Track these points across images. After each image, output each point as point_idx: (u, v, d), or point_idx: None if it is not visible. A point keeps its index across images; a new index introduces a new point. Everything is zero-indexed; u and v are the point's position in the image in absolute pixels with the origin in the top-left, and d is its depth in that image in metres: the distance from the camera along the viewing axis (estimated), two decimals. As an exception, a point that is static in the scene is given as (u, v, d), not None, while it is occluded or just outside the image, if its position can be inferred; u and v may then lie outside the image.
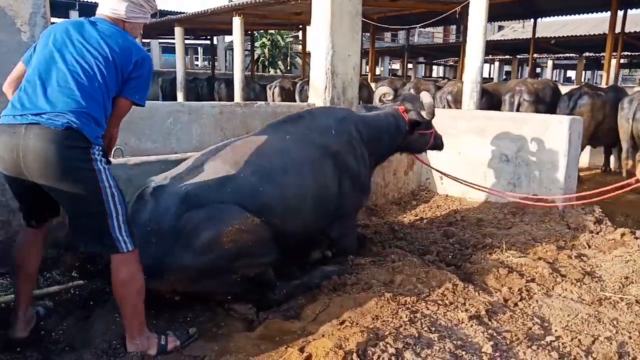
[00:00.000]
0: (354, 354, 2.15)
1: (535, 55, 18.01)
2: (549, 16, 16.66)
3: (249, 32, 21.87)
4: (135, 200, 2.86)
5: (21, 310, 2.54)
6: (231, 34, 14.90)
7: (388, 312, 2.62)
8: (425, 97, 4.08)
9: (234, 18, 13.63)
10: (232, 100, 13.15)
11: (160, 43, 30.61)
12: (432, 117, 4.09)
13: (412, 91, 10.37)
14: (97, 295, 3.06)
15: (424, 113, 4.03)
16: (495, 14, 14.68)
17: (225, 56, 32.15)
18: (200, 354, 2.44)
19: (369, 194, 3.92)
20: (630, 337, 2.57)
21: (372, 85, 13.02)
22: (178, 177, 2.94)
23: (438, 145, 4.40)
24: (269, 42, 29.28)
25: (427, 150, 4.51)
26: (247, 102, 7.12)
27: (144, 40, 23.18)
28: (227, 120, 5.20)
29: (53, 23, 2.73)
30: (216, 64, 26.77)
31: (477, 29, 6.85)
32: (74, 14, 21.09)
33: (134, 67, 2.37)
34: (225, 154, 3.12)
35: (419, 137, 4.13)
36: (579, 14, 15.89)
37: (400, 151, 4.31)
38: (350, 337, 2.31)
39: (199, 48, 38.67)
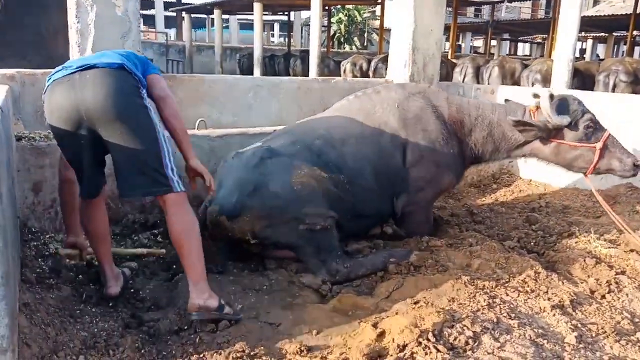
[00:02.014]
0: (430, 333, 2.13)
1: (635, 33, 16.55)
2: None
3: (327, 8, 21.75)
4: (221, 164, 3.32)
5: (107, 269, 2.71)
6: (309, 9, 14.86)
7: (465, 295, 2.57)
8: (542, 98, 3.41)
9: (312, -7, 13.56)
10: (307, 76, 13.20)
11: (238, 19, 31.25)
12: (561, 125, 3.39)
13: (496, 69, 9.90)
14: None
15: (556, 118, 3.37)
16: (591, -13, 13.59)
17: (302, 32, 32.25)
18: (275, 321, 2.52)
19: (450, 178, 3.66)
20: None
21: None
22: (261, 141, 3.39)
23: (616, 169, 3.49)
24: (346, 17, 28.96)
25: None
26: (324, 77, 7.12)
27: (223, 17, 23.74)
28: (304, 95, 5.24)
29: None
30: (292, 40, 26.96)
31: (573, 1, 6.37)
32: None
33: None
34: (304, 124, 3.53)
35: (559, 149, 3.49)
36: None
37: (543, 160, 3.70)
38: (426, 316, 2.29)
39: (275, 24, 39.09)
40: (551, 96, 3.39)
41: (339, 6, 26.76)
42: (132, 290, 2.83)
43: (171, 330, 2.41)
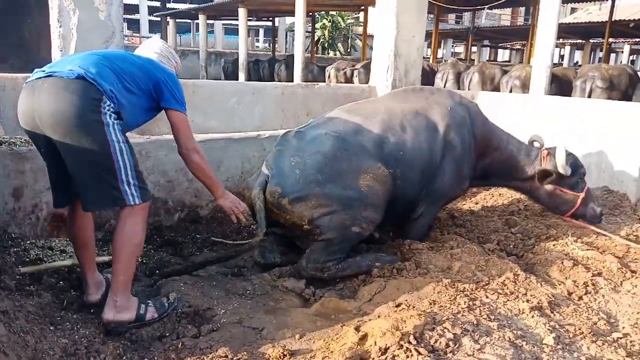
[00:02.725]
0: (411, 336, 2.15)
1: (610, 40, 16.92)
2: (630, -3, 15.56)
3: (311, 14, 21.83)
4: (279, 142, 3.29)
5: (88, 276, 2.67)
6: (293, 15, 14.92)
7: (446, 297, 2.60)
8: (559, 151, 3.76)
9: (296, -1, 13.63)
10: (292, 81, 13.23)
11: (223, 25, 31.19)
12: (574, 174, 3.84)
13: (476, 75, 10.04)
14: (163, 264, 3.22)
15: (560, 169, 3.76)
16: (569, -5, 13.88)
17: (286, 38, 32.34)
18: (259, 325, 2.52)
19: (461, 191, 3.87)
20: None
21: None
22: (316, 125, 3.37)
23: (588, 216, 3.92)
24: (330, 23, 29.12)
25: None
26: (308, 83, 7.16)
27: (208, 22, 23.69)
28: (288, 100, 5.26)
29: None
30: (276, 45, 26.98)
31: (551, 8, 6.51)
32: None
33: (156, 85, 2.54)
34: (354, 109, 3.53)
35: (553, 194, 3.90)
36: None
37: (529, 196, 4.12)
38: (407, 319, 2.31)
39: (260, 30, 39.10)
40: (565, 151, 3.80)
41: (323, 12, 26.89)
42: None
43: (153, 337, 2.40)
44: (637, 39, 23.28)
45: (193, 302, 2.65)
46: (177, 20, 25.75)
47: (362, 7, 18.77)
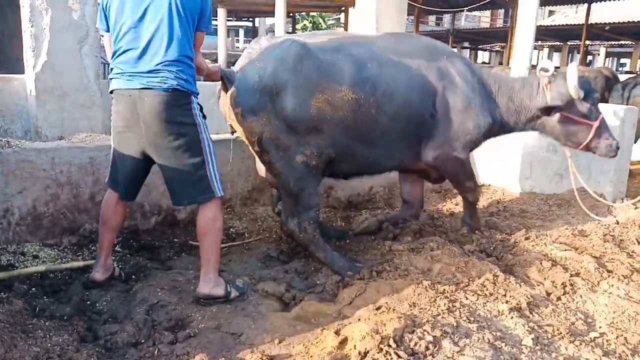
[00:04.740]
0: (391, 339, 2.14)
1: (587, 42, 17.25)
2: (605, 0, 15.84)
3: (291, 14, 21.79)
4: (250, 44, 3.24)
5: (102, 257, 2.90)
6: (273, 16, 14.87)
7: (426, 299, 2.60)
8: (570, 72, 3.44)
9: None
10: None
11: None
12: (589, 99, 3.50)
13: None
14: (138, 269, 3.15)
15: (571, 91, 3.44)
16: (546, -2, 14.10)
17: (267, 38, 32.17)
18: (237, 331, 2.49)
19: (476, 132, 3.48)
20: (680, 339, 2.46)
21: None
22: (297, 35, 3.39)
23: (601, 150, 3.61)
24: (311, 24, 29.14)
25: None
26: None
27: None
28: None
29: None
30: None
31: (529, 11, 6.58)
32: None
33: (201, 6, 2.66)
34: (350, 35, 3.57)
35: (564, 122, 3.55)
36: (637, -1, 15.10)
37: (543, 134, 3.81)
38: (387, 322, 2.30)
39: (240, 30, 38.84)
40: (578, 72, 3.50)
41: (304, 13, 26.89)
42: (88, 302, 2.75)
43: (129, 343, 2.35)
44: (613, 42, 23.76)
45: (170, 308, 2.60)
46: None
47: (343, 8, 18.82)
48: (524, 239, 3.69)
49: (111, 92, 2.71)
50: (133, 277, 3.06)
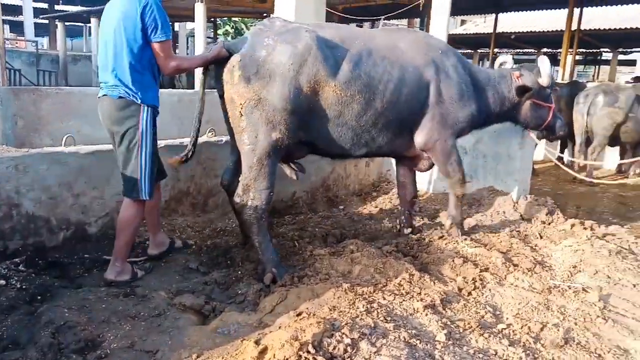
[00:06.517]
0: (310, 345, 2.14)
1: (495, 50, 18.37)
2: (511, 11, 16.95)
3: (212, 19, 21.43)
4: (262, 22, 3.43)
5: (150, 235, 3.54)
6: (193, 21, 14.53)
7: (345, 302, 2.63)
8: (543, 61, 3.99)
9: (196, 4, 13.30)
10: (193, 88, 12.86)
11: (119, 28, 29.59)
12: (550, 86, 4.00)
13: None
14: (45, 289, 2.94)
15: (540, 79, 3.97)
16: (458, 8, 14.86)
17: (187, 43, 31.43)
18: (153, 348, 2.39)
19: (467, 117, 3.78)
20: (576, 324, 2.67)
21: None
22: (309, 24, 3.44)
23: (556, 127, 4.20)
24: (233, 29, 28.80)
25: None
26: (208, 90, 6.98)
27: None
28: (185, 108, 5.09)
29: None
30: (177, 51, 26.13)
31: (441, 20, 6.92)
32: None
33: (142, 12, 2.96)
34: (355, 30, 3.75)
35: (533, 108, 4.06)
36: (539, 10, 16.28)
37: (512, 121, 4.24)
38: (307, 328, 2.30)
39: (160, 34, 37.61)
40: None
41: (225, 18, 26.53)
42: (-15, 328, 2.52)
43: (33, 370, 2.18)
44: (518, 50, 25.53)
45: (79, 329, 2.45)
46: (67, 23, 24.04)
47: (265, 15, 18.77)
48: (438, 238, 3.85)
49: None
50: (38, 297, 2.85)
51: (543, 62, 4.00)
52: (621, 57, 23.56)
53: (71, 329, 2.44)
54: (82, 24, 29.01)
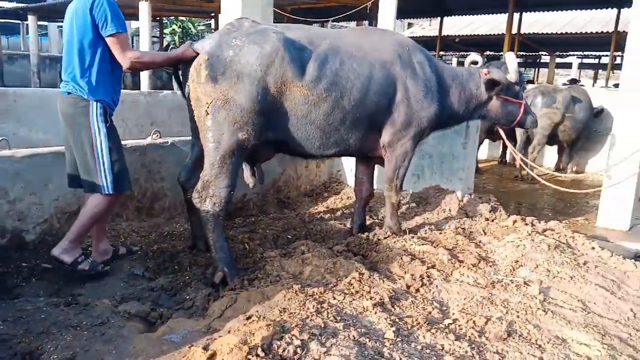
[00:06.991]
0: (259, 349, 2.12)
1: (441, 52, 18.91)
2: (455, 15, 17.49)
3: (158, 18, 20.92)
4: (232, 22, 3.41)
5: (94, 241, 3.44)
6: (137, 19, 14.13)
7: (296, 304, 2.62)
8: (510, 58, 4.02)
9: (140, 2, 12.96)
10: (139, 88, 12.51)
11: (59, 27, 28.44)
12: (518, 82, 4.04)
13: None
14: None
15: (508, 75, 4.00)
16: (405, 11, 15.19)
17: (132, 42, 30.56)
18: (96, 359, 2.29)
19: (427, 122, 3.79)
20: (518, 316, 2.77)
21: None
22: (277, 26, 3.50)
23: (528, 122, 4.22)
24: (180, 29, 28.18)
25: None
26: (152, 91, 6.80)
27: (39, 23, 21.43)
28: (129, 109, 4.93)
29: None
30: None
31: (387, 23, 7.05)
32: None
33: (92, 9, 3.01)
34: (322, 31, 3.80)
35: (503, 105, 4.08)
36: (482, 14, 16.88)
37: (483, 118, 4.26)
38: (256, 331, 2.28)
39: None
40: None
41: (172, 17, 25.94)
42: None
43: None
44: (463, 52, 26.36)
45: (14, 342, 2.32)
46: (3, 20, 22.84)
47: (212, 14, 18.50)
48: (387, 236, 3.91)
49: None
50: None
51: (510, 59, 4.13)
52: (559, 60, 24.82)
53: (6, 342, 2.31)
54: (18, 22, 27.63)
